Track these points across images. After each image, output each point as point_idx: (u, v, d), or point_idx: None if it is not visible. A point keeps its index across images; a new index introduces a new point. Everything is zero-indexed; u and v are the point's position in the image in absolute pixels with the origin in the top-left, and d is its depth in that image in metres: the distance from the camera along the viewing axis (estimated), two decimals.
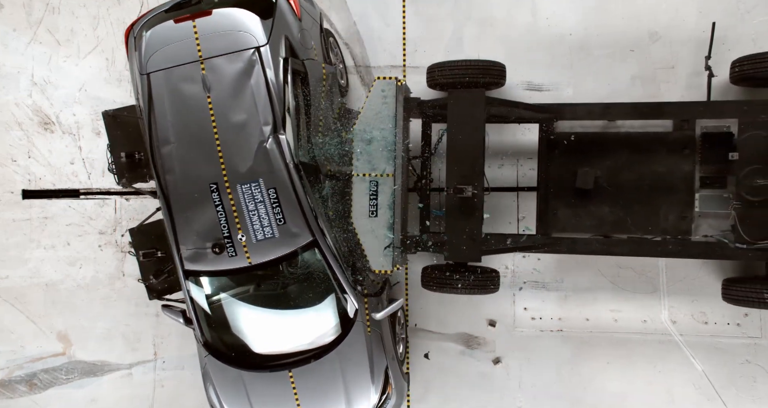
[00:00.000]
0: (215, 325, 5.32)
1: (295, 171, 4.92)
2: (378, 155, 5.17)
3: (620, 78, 5.94)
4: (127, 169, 5.52)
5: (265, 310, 5.29)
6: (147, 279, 5.70)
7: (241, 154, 4.93)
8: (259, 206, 4.95)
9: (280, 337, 5.30)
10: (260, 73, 4.91)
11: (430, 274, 5.54)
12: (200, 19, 5.02)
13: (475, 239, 5.21)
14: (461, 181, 5.16)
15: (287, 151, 4.91)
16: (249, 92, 4.91)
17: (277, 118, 4.90)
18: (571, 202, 5.47)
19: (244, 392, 5.29)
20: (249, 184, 4.94)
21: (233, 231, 4.98)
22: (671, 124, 5.45)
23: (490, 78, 5.34)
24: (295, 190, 4.92)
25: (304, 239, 4.97)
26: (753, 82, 5.26)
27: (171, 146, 5.02)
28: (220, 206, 4.97)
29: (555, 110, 5.34)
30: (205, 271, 5.10)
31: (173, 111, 5.00)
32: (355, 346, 5.20)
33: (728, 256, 5.02)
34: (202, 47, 4.97)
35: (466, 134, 5.17)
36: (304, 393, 5.21)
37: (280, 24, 5.07)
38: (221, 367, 5.31)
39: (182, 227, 5.06)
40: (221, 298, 5.31)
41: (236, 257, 5.00)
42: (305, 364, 5.18)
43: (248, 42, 4.95)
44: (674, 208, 5.27)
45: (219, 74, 4.94)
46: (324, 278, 5.14)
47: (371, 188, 5.19)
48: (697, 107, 5.15)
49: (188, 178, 5.01)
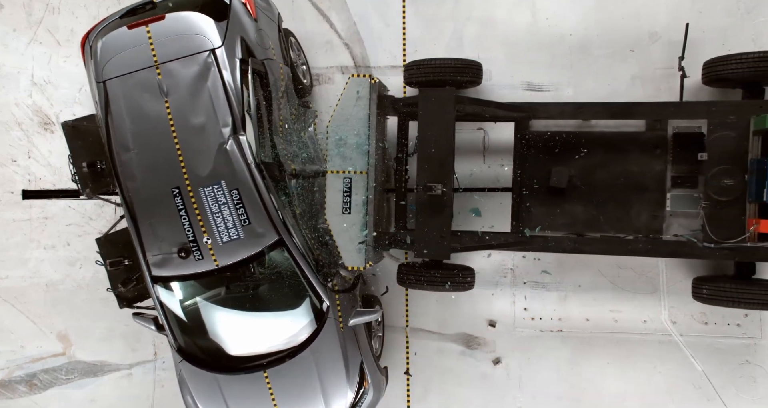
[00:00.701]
0: (188, 330, 5.31)
1: (257, 171, 4.91)
2: (351, 152, 5.21)
3: (620, 78, 5.94)
4: (90, 179, 5.52)
5: (237, 312, 5.29)
6: (116, 287, 5.69)
7: (201, 157, 4.91)
8: (223, 208, 4.94)
9: (253, 338, 5.30)
10: (216, 75, 4.90)
11: (406, 271, 5.62)
12: (154, 25, 5.01)
13: (444, 237, 5.24)
14: (431, 178, 5.18)
15: (248, 151, 4.90)
16: (206, 95, 4.90)
17: (236, 119, 4.89)
18: (545, 200, 5.53)
19: (220, 396, 5.29)
20: (211, 186, 4.92)
21: (198, 234, 4.97)
22: (644, 124, 5.49)
23: (462, 77, 5.39)
24: (258, 190, 4.91)
25: (270, 239, 4.96)
26: (724, 84, 5.31)
27: (131, 153, 5.01)
28: (183, 210, 4.96)
29: (528, 109, 5.39)
30: (173, 276, 5.08)
31: (131, 117, 5.00)
32: (328, 342, 5.21)
33: (697, 255, 5.08)
34: (157, 52, 4.97)
35: (436, 132, 5.20)
36: (281, 393, 5.22)
37: (235, 25, 5.06)
38: (196, 372, 5.31)
39: (147, 233, 5.05)
40: (192, 303, 5.29)
41: (203, 260, 4.99)
42: (280, 363, 5.18)
43: (203, 45, 4.94)
44: (646, 207, 5.34)
45: (175, 78, 4.93)
46: (293, 276, 5.14)
47: (345, 185, 5.22)
48: (667, 107, 5.20)
49: (150, 184, 5.00)
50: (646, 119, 5.40)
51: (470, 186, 6.20)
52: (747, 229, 4.87)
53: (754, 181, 4.80)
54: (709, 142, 4.99)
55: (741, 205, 4.93)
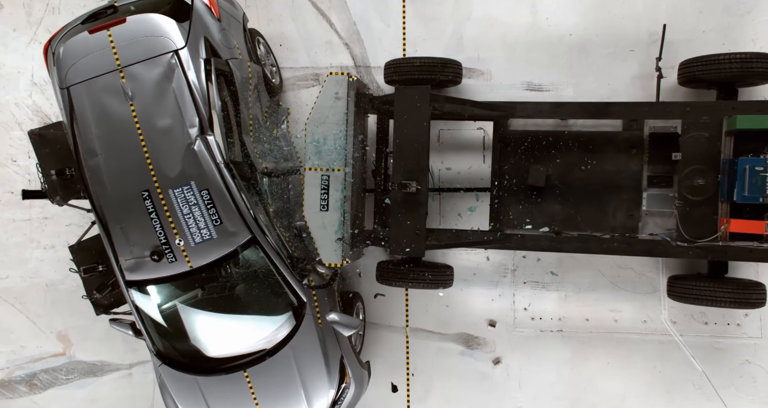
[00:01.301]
0: (165, 334, 5.30)
1: (227, 170, 4.90)
2: (329, 150, 5.22)
3: (620, 78, 5.94)
4: (59, 186, 5.50)
5: (214, 313, 5.28)
6: (91, 294, 5.68)
7: (170, 159, 4.91)
8: (194, 209, 4.93)
9: (232, 338, 5.29)
10: (181, 75, 4.90)
11: (384, 269, 5.68)
12: (115, 28, 5.00)
13: (419, 234, 5.26)
14: (407, 176, 5.20)
15: (216, 151, 4.90)
16: (171, 96, 4.90)
17: (203, 120, 4.90)
18: (523, 199, 5.58)
19: (201, 398, 5.29)
20: (181, 187, 4.92)
21: (170, 236, 4.96)
22: (621, 124, 5.53)
23: (442, 76, 5.43)
24: (229, 189, 4.91)
25: (243, 237, 4.96)
26: (699, 84, 5.36)
27: (98, 158, 4.99)
28: (154, 213, 4.95)
29: (506, 108, 5.41)
30: (147, 279, 5.07)
31: (97, 122, 4.98)
32: (307, 339, 5.21)
33: (670, 254, 5.15)
34: (120, 55, 4.95)
35: (411, 130, 5.21)
36: (262, 391, 5.22)
37: (198, 26, 5.06)
38: (176, 375, 5.30)
39: (119, 238, 5.04)
40: (169, 306, 5.28)
41: (176, 262, 4.98)
42: (260, 362, 5.18)
43: (166, 46, 4.93)
44: (623, 206, 5.40)
45: (140, 81, 4.92)
46: (268, 274, 5.14)
47: (322, 182, 5.23)
48: (643, 108, 5.24)
49: (119, 188, 4.99)
50: (622, 119, 5.45)
51: (471, 186, 6.20)
52: (719, 229, 4.91)
53: (726, 181, 4.86)
54: (683, 142, 5.04)
55: (713, 205, 4.98)
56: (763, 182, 4.64)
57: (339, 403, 5.40)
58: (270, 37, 6.47)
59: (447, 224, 6.27)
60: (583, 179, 5.47)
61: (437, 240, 5.55)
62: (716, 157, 4.95)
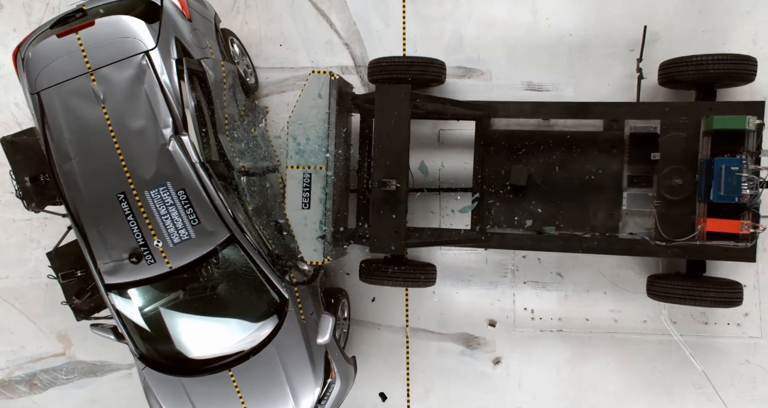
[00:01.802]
0: (148, 337, 5.29)
1: (203, 170, 4.90)
2: (311, 148, 5.23)
3: (620, 78, 5.93)
4: (34, 193, 5.48)
5: (196, 314, 5.28)
6: (70, 300, 5.64)
7: (144, 160, 4.89)
8: (171, 209, 4.92)
9: (215, 338, 5.29)
10: (153, 76, 4.89)
11: (366, 267, 5.73)
12: (84, 31, 4.98)
13: (398, 232, 5.27)
14: (387, 174, 5.22)
15: (191, 151, 4.89)
16: (144, 97, 4.89)
17: (176, 120, 4.89)
18: (505, 198, 5.62)
19: (187, 399, 5.28)
20: (157, 188, 4.90)
21: (148, 238, 4.95)
22: (602, 124, 5.57)
23: (425, 75, 5.47)
24: (205, 188, 4.90)
25: (221, 236, 4.95)
26: (678, 85, 5.40)
27: (72, 162, 4.97)
28: (130, 215, 4.93)
29: (488, 107, 5.44)
30: (127, 282, 5.05)
31: (69, 126, 4.97)
32: (290, 335, 5.22)
33: (649, 253, 5.19)
34: (90, 58, 4.94)
35: (391, 129, 5.23)
36: (247, 389, 5.22)
37: (168, 26, 5.07)
38: (161, 377, 5.29)
39: (96, 242, 5.02)
40: (150, 308, 5.27)
41: (155, 264, 4.96)
42: (244, 361, 5.18)
43: (136, 47, 4.93)
44: (603, 205, 5.45)
45: (111, 83, 4.91)
46: (249, 272, 5.13)
47: (304, 180, 5.24)
48: (622, 108, 5.30)
49: (94, 192, 4.97)
50: (602, 119, 5.49)
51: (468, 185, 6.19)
52: (696, 228, 4.94)
53: (703, 181, 4.89)
54: (663, 142, 5.08)
55: (691, 205, 5.01)
56: (739, 182, 4.68)
57: (325, 399, 5.41)
58: (270, 37, 6.47)
59: (447, 223, 6.27)
60: (565, 179, 5.52)
61: (419, 238, 5.58)
62: (694, 157, 4.99)
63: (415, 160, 6.31)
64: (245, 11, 6.50)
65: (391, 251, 5.36)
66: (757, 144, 4.84)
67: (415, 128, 6.24)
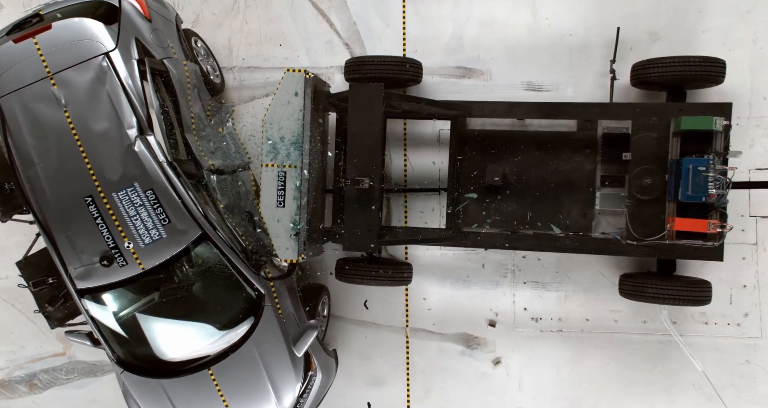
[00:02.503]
0: (125, 340, 5.27)
1: (171, 168, 4.89)
2: (286, 146, 5.24)
3: (620, 78, 5.93)
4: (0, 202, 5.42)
5: (172, 315, 5.26)
6: (43, 308, 5.57)
7: (110, 162, 4.87)
8: (140, 210, 4.90)
9: (192, 339, 5.27)
10: (114, 77, 4.88)
11: (341, 266, 5.78)
12: (41, 35, 4.96)
13: (371, 230, 5.30)
14: (360, 173, 5.24)
15: (158, 150, 4.88)
16: (106, 99, 4.87)
17: (141, 120, 4.88)
18: (480, 197, 5.65)
19: (167, 401, 5.26)
20: (124, 189, 4.88)
21: (119, 240, 4.92)
22: (576, 124, 5.61)
23: (402, 74, 5.51)
24: (174, 187, 4.89)
25: (193, 234, 4.94)
26: (650, 86, 5.45)
27: (36, 168, 4.93)
28: (99, 218, 4.90)
29: (462, 107, 5.48)
30: (99, 286, 5.02)
31: (31, 132, 4.93)
32: (268, 330, 5.21)
33: (620, 252, 5.23)
34: (49, 63, 4.91)
35: (365, 127, 5.26)
36: (228, 387, 5.22)
37: (127, 27, 5.05)
38: (139, 380, 5.27)
39: (65, 247, 4.98)
40: (126, 312, 5.24)
41: (128, 266, 4.93)
42: (223, 359, 5.18)
43: (96, 49, 4.91)
44: (577, 205, 5.52)
45: (72, 86, 4.88)
46: (224, 270, 5.13)
47: (279, 179, 5.24)
48: (595, 108, 5.36)
49: (61, 197, 4.94)
50: (575, 119, 5.53)
51: None
52: (665, 227, 4.97)
53: (673, 180, 4.93)
54: (633, 142, 5.12)
55: (661, 204, 5.05)
56: (706, 182, 4.73)
57: (307, 392, 5.42)
58: (270, 37, 6.48)
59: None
60: (540, 178, 5.58)
61: (395, 237, 5.60)
62: (664, 157, 5.03)
63: (417, 159, 6.31)
64: (245, 11, 6.50)
65: (364, 249, 5.39)
66: (724, 145, 4.89)
67: (417, 128, 6.26)
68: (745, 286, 5.84)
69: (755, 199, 5.79)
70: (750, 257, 5.82)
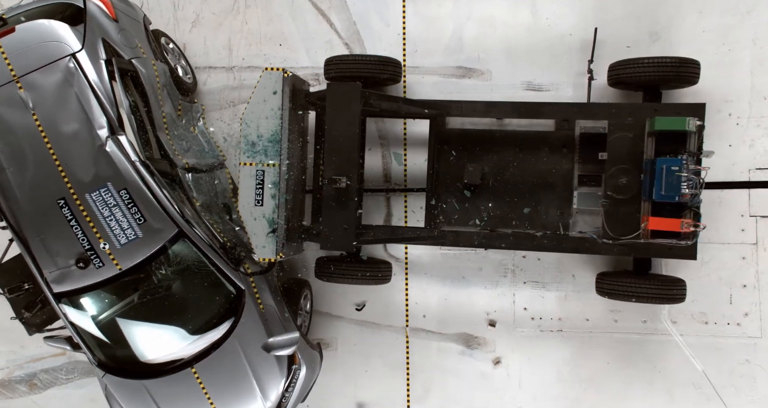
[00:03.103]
0: (105, 343, 5.24)
1: (144, 167, 4.87)
2: (264, 145, 5.24)
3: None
4: None
5: (152, 315, 5.25)
6: (20, 314, 5.52)
7: (82, 163, 4.85)
8: (114, 210, 4.88)
9: (174, 338, 5.26)
10: (82, 78, 4.85)
11: (321, 264, 5.79)
12: (5, 39, 4.93)
13: (348, 229, 5.32)
14: (337, 172, 5.26)
15: (130, 149, 4.87)
16: (74, 100, 4.84)
17: (111, 120, 4.86)
18: (459, 196, 5.69)
19: (151, 401, 5.25)
20: (98, 190, 4.86)
21: (94, 241, 4.89)
22: (554, 124, 5.65)
23: (380, 74, 5.54)
24: (148, 186, 4.87)
25: (169, 232, 4.94)
26: (626, 86, 5.48)
27: (6, 173, 4.90)
28: (73, 220, 4.88)
29: (440, 106, 5.51)
30: (77, 288, 4.99)
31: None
32: (250, 326, 5.22)
33: (597, 251, 5.25)
34: (14, 66, 4.88)
35: (342, 126, 5.27)
36: (212, 384, 5.21)
37: (93, 27, 5.03)
38: (122, 382, 5.25)
39: (40, 251, 4.95)
40: (105, 314, 5.22)
41: (104, 267, 4.92)
42: (206, 356, 5.17)
43: (62, 51, 4.89)
44: (554, 204, 5.57)
45: (39, 89, 4.85)
46: (203, 267, 5.12)
47: (257, 177, 5.25)
48: (572, 108, 5.38)
49: (33, 200, 4.91)
50: (553, 119, 5.57)
51: None
52: (640, 226, 5.01)
53: (647, 180, 4.96)
54: (609, 142, 5.15)
55: (637, 203, 5.08)
56: (679, 182, 4.76)
57: (292, 386, 5.42)
58: (270, 37, 6.47)
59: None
60: (518, 178, 5.62)
61: (374, 236, 5.62)
62: (639, 157, 5.05)
63: (418, 159, 6.31)
64: (245, 11, 6.50)
65: (343, 249, 5.41)
66: (698, 145, 4.92)
67: (417, 128, 6.26)
68: (745, 286, 5.84)
69: (755, 199, 5.79)
70: (750, 257, 5.82)
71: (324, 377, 6.32)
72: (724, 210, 5.82)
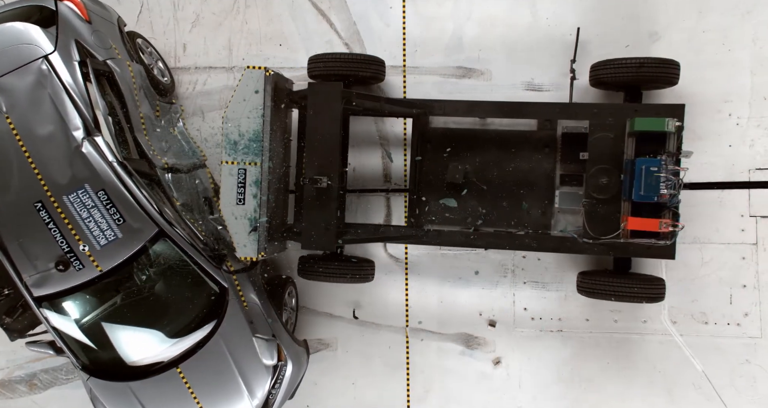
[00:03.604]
0: (88, 346, 5.23)
1: (121, 168, 4.86)
2: (246, 144, 5.23)
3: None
4: None
5: (136, 316, 5.24)
6: (1, 320, 5.47)
7: (58, 165, 4.83)
8: (93, 211, 4.87)
9: (157, 339, 5.24)
10: (55, 80, 4.84)
11: (304, 263, 5.80)
12: None
13: (329, 229, 5.32)
14: (318, 171, 5.26)
15: (107, 150, 4.86)
16: (48, 102, 4.83)
17: (87, 121, 4.85)
18: (442, 195, 5.70)
19: (137, 403, 5.25)
20: (75, 192, 4.84)
21: (73, 243, 4.88)
22: (536, 123, 5.67)
23: (363, 72, 5.54)
24: (126, 187, 4.87)
25: (149, 232, 4.93)
26: (607, 87, 5.51)
27: None
28: (51, 222, 4.86)
29: (423, 105, 5.52)
30: (57, 292, 4.97)
31: None
32: (234, 324, 5.22)
33: (577, 250, 5.27)
34: None
35: (324, 126, 5.27)
36: (198, 383, 5.21)
37: (66, 29, 5.01)
38: (107, 385, 5.24)
39: (18, 255, 4.93)
40: (88, 317, 5.21)
41: (85, 269, 4.90)
42: (191, 356, 5.17)
43: (34, 53, 4.87)
44: (537, 203, 5.59)
45: (12, 92, 4.83)
46: (185, 266, 5.11)
47: (239, 176, 5.24)
48: (554, 108, 5.41)
49: (9, 204, 4.89)
50: (535, 119, 5.59)
51: None
52: (620, 226, 5.03)
53: (627, 180, 4.98)
54: (591, 142, 5.17)
55: (617, 203, 5.10)
56: (658, 182, 4.80)
57: (279, 382, 5.42)
58: (270, 37, 6.47)
59: None
60: (500, 177, 5.63)
61: (357, 235, 5.63)
62: (620, 157, 5.07)
63: None
64: (245, 11, 6.50)
65: (325, 248, 5.42)
66: (677, 145, 4.94)
67: None
68: (745, 286, 5.85)
69: (755, 199, 5.79)
70: (750, 257, 5.82)
71: (324, 377, 6.33)
72: (724, 210, 5.82)
